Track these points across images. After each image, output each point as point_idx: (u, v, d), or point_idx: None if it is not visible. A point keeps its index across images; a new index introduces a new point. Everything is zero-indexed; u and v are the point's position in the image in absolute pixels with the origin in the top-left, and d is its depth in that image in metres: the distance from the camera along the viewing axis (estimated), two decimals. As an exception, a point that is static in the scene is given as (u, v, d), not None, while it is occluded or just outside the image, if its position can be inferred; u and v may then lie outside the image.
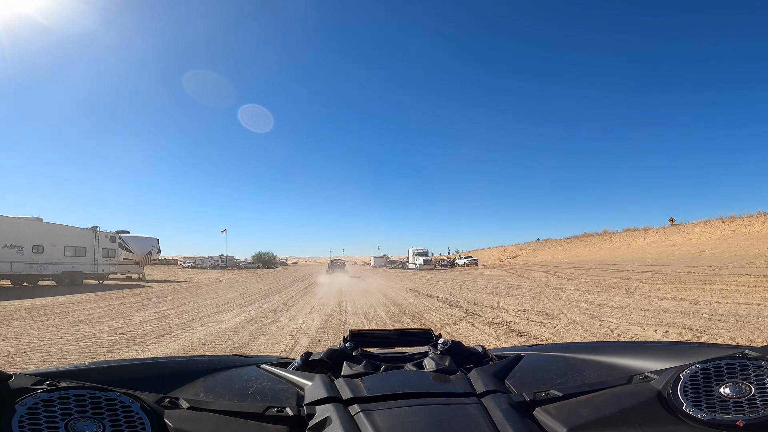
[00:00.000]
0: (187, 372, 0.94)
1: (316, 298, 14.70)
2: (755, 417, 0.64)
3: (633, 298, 10.18)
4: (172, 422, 0.67)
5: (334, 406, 0.73)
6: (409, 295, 15.07)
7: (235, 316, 9.82)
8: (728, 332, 6.04)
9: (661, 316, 7.68)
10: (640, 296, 10.47)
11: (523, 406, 0.74)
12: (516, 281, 19.45)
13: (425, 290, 16.89)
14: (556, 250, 51.74)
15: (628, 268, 19.81)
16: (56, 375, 0.76)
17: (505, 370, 0.93)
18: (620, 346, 1.09)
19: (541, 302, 10.69)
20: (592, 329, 6.88)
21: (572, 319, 7.91)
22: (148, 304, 12.36)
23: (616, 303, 9.61)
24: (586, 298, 10.78)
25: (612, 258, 30.18)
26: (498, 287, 16.45)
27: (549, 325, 7.41)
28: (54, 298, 13.87)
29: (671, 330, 6.43)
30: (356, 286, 20.76)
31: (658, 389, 0.74)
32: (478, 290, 15.72)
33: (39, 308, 11.16)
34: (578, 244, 49.80)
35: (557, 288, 14.09)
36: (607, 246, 43.81)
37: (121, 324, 8.51)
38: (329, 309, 11.09)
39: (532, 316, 8.46)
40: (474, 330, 7.35)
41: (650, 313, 7.98)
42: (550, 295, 12.05)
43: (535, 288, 14.80)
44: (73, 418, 0.62)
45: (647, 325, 6.96)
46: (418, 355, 1.03)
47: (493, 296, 12.87)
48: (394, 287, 19.50)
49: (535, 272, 24.18)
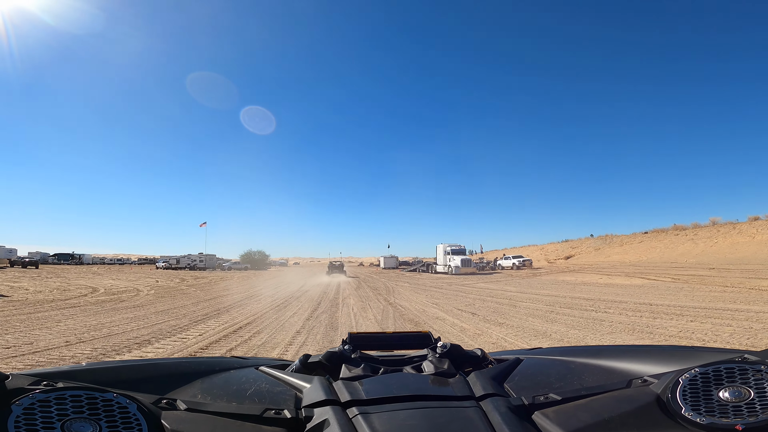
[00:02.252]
0: (185, 373, 0.92)
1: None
2: (754, 421, 0.64)
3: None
4: (169, 424, 0.67)
5: (332, 408, 0.72)
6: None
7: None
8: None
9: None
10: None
11: (521, 410, 0.73)
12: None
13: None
14: (628, 247, 39.33)
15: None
16: (53, 375, 0.75)
17: (504, 373, 0.92)
18: (619, 350, 1.07)
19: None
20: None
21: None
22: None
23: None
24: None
25: (743, 256, 21.47)
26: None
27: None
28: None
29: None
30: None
31: (657, 393, 0.73)
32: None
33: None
34: (663, 240, 37.26)
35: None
36: (707, 242, 31.42)
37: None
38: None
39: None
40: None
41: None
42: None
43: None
44: (70, 418, 0.62)
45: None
46: (417, 358, 1.02)
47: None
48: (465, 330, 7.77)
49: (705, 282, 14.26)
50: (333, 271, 34.26)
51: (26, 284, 19.09)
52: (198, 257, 56.09)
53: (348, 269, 45.36)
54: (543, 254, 48.02)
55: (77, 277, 27.02)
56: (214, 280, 27.80)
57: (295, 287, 20.57)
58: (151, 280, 26.80)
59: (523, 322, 8.39)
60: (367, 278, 29.78)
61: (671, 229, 39.67)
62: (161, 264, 56.30)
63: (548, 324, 8.11)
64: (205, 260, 55.39)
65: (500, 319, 8.86)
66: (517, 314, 9.61)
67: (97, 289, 17.18)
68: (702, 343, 6.12)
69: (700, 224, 37.20)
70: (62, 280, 23.79)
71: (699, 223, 37.60)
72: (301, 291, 17.90)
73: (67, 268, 44.39)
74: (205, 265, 54.35)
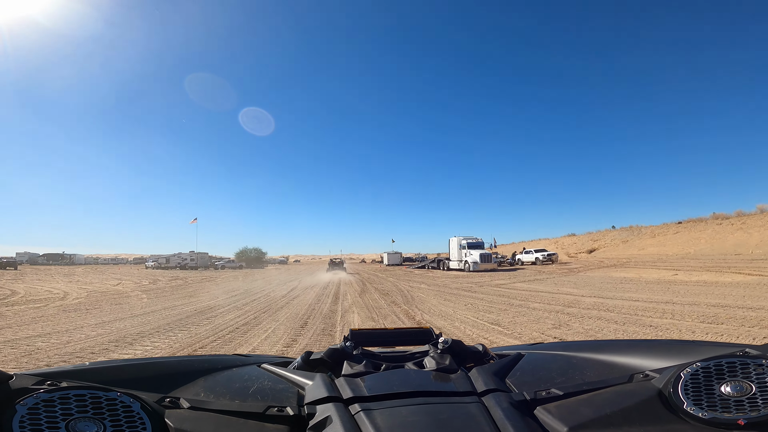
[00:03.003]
0: (188, 372, 0.92)
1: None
2: (756, 416, 0.64)
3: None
4: (172, 422, 0.67)
5: (334, 405, 0.72)
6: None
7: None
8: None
9: None
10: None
11: (523, 405, 0.73)
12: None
13: None
14: (663, 239, 34.93)
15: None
16: (57, 375, 0.75)
17: (505, 368, 0.91)
18: (621, 345, 1.06)
19: None
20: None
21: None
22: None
23: None
24: None
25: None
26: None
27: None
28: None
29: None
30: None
31: (658, 388, 0.73)
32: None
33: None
34: (704, 230, 32.85)
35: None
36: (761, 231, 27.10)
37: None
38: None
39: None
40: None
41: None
42: None
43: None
44: (74, 418, 0.62)
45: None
46: (418, 354, 1.02)
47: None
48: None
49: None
50: (333, 268, 35.03)
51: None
52: (189, 256, 51.80)
53: (349, 266, 45.77)
54: (559, 248, 43.52)
55: (40, 279, 24.19)
56: (192, 281, 23.40)
57: (282, 291, 16.04)
58: (112, 282, 22.77)
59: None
60: (371, 277, 25.15)
61: (710, 218, 35.33)
62: (150, 264, 53.30)
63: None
64: (196, 259, 51.02)
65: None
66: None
67: (18, 293, 15.35)
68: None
69: (746, 212, 32.91)
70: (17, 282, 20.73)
71: (744, 210, 33.26)
72: (287, 298, 13.31)
73: (51, 269, 43.54)
74: (196, 263, 50.18)
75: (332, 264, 36.95)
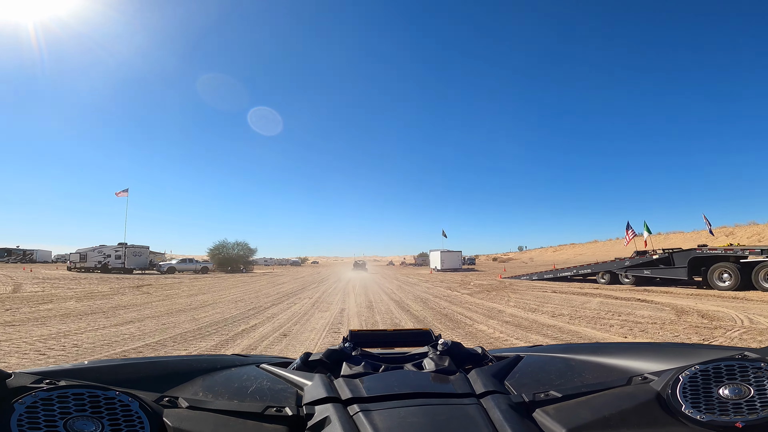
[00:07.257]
0: (187, 371, 0.93)
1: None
2: (754, 418, 0.64)
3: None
4: (171, 421, 0.67)
5: (333, 406, 0.72)
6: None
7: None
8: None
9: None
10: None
11: (522, 407, 0.73)
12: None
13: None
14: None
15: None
16: (55, 374, 0.75)
17: (504, 370, 0.91)
18: (619, 347, 1.07)
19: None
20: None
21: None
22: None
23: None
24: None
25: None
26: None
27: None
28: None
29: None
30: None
31: (657, 390, 0.73)
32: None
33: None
34: None
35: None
36: None
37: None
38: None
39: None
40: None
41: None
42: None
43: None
44: (72, 417, 0.62)
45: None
46: (417, 355, 1.02)
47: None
48: None
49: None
50: (357, 268, 46.54)
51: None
52: (114, 250, 31.98)
53: (373, 268, 53.75)
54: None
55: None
56: (38, 310, 7.99)
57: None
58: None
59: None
60: (440, 306, 10.70)
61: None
62: (70, 262, 33.03)
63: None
64: (127, 255, 32.08)
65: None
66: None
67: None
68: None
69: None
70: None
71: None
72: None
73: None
74: (123, 263, 31.66)
75: (356, 265, 50.18)
